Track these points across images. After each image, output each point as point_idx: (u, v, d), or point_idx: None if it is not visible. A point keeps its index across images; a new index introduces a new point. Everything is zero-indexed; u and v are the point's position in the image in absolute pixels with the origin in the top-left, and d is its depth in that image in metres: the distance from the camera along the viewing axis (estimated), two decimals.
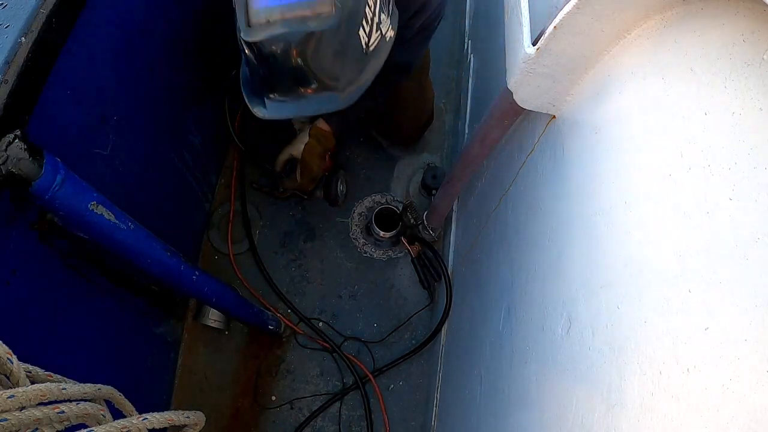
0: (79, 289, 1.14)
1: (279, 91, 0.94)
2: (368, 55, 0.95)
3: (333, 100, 0.96)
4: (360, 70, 0.96)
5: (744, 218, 0.45)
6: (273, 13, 0.85)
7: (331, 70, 0.91)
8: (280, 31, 0.85)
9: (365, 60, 0.96)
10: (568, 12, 0.67)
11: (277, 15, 0.85)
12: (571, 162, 0.80)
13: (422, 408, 1.74)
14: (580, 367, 0.68)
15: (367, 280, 1.88)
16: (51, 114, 0.93)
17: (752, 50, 0.47)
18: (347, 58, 0.91)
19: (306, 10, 0.85)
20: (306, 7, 0.85)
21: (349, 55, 0.91)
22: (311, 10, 0.85)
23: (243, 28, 0.87)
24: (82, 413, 0.63)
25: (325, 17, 0.85)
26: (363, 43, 0.92)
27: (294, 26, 0.85)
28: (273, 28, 0.85)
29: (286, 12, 0.85)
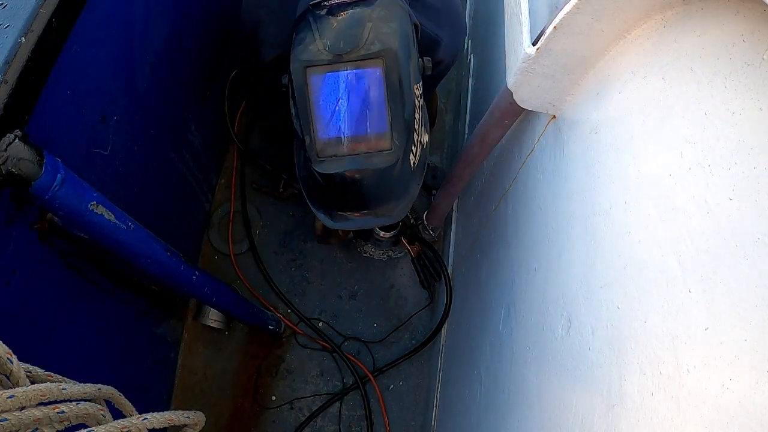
0: (79, 289, 1.14)
1: (343, 211, 1.03)
2: (415, 170, 1.03)
3: (389, 218, 1.07)
4: (411, 186, 1.05)
5: (744, 218, 0.45)
6: (340, 148, 0.93)
7: (389, 195, 1.01)
8: (347, 167, 0.93)
9: (414, 176, 1.04)
10: (568, 12, 0.67)
11: (344, 150, 0.93)
12: (572, 162, 0.80)
13: (422, 408, 1.74)
14: (580, 367, 0.68)
15: (367, 280, 1.88)
16: (51, 114, 0.93)
17: (752, 50, 0.47)
18: (401, 181, 1.00)
19: (368, 144, 0.93)
20: (368, 141, 0.93)
21: (403, 179, 1.00)
22: (373, 145, 0.94)
23: (314, 159, 0.94)
24: (82, 413, 0.63)
25: (386, 154, 0.94)
26: (412, 164, 1.00)
27: (360, 163, 0.93)
28: (341, 163, 0.94)
29: (352, 147, 0.93)
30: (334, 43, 0.91)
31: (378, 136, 0.94)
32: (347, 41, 0.91)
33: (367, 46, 0.90)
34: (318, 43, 0.91)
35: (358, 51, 0.90)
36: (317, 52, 0.91)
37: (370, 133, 0.93)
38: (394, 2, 0.97)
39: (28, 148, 0.78)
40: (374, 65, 0.91)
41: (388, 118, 0.93)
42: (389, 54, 0.91)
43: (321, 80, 0.92)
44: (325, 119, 0.93)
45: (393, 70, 0.91)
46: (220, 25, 1.66)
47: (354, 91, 0.92)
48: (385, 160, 0.94)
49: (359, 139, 0.93)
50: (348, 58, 0.90)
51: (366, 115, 0.93)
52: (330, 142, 0.93)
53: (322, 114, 0.93)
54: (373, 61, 0.91)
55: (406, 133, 0.96)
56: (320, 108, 0.93)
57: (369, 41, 0.91)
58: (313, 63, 0.91)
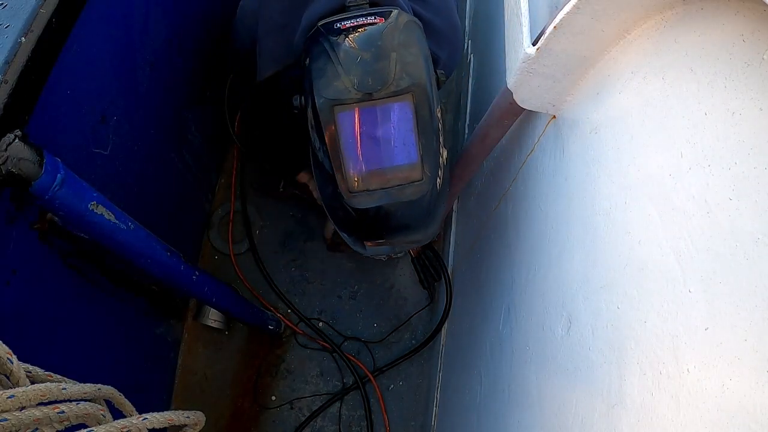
0: (79, 289, 1.14)
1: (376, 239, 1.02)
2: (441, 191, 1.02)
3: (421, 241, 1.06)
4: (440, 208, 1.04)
5: (744, 218, 0.45)
6: (372, 182, 0.93)
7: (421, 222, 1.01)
8: (380, 201, 0.93)
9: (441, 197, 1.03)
10: (568, 12, 0.67)
11: (377, 184, 0.93)
12: (572, 162, 0.80)
13: (422, 408, 1.74)
14: (580, 367, 0.68)
15: (367, 280, 1.88)
16: (51, 114, 0.93)
17: (752, 50, 0.47)
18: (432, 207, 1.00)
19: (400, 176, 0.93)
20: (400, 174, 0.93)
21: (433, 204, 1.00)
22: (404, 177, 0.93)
23: (346, 195, 0.94)
24: (82, 413, 0.63)
25: (419, 185, 0.93)
26: (438, 185, 1.00)
27: (393, 197, 0.93)
28: (374, 198, 0.93)
29: (385, 180, 0.93)
30: (362, 81, 0.88)
31: (409, 168, 0.93)
32: (375, 78, 0.88)
33: (396, 81, 0.88)
34: (344, 80, 0.89)
35: (388, 88, 0.88)
36: (345, 90, 0.88)
37: (401, 165, 0.93)
38: (408, 20, 0.95)
39: (28, 148, 0.78)
40: (404, 100, 0.90)
41: (418, 149, 0.92)
42: (419, 88, 0.89)
43: (349, 117, 0.90)
44: (355, 155, 0.91)
45: (423, 103, 0.91)
46: (221, 25, 1.66)
47: (384, 126, 0.91)
48: (418, 191, 0.94)
49: (391, 172, 0.93)
50: (378, 96, 0.88)
51: (397, 148, 0.92)
52: (361, 178, 0.92)
53: (352, 150, 0.91)
54: (403, 96, 0.89)
55: (435, 161, 0.95)
56: (350, 144, 0.91)
57: (397, 76, 0.89)
58: (341, 102, 0.89)
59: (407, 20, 0.95)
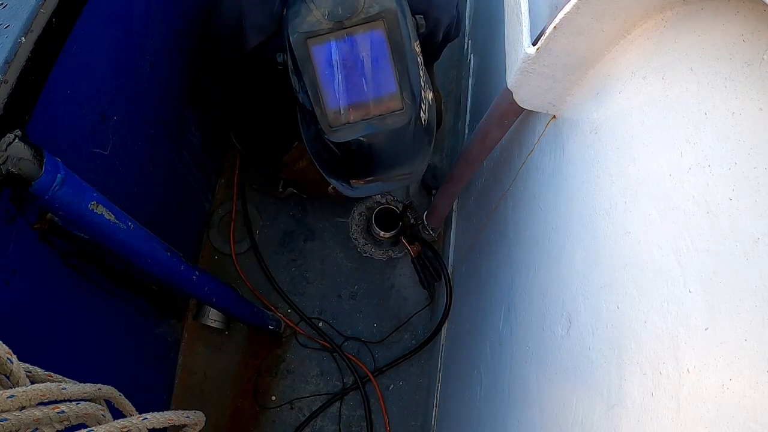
0: (79, 288, 1.14)
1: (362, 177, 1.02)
2: (426, 128, 1.02)
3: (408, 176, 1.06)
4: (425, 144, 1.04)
5: (744, 218, 0.45)
6: (352, 114, 0.92)
7: (406, 156, 1.00)
8: (362, 132, 0.93)
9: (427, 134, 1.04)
10: (568, 12, 0.67)
11: (357, 116, 0.93)
12: (572, 162, 0.80)
13: (422, 408, 1.74)
14: (580, 367, 0.68)
15: (367, 280, 1.88)
16: (51, 114, 0.93)
17: (752, 50, 0.47)
18: (416, 140, 1.00)
19: (380, 106, 0.93)
20: (379, 104, 0.93)
21: (418, 138, 1.00)
22: (384, 107, 0.93)
23: (326, 129, 0.93)
24: (82, 413, 0.63)
25: (399, 114, 0.93)
26: (423, 121, 1.00)
27: (374, 126, 0.93)
28: (355, 130, 0.93)
29: (365, 112, 0.93)
30: (333, 10, 0.90)
31: (388, 97, 0.93)
32: (345, 6, 0.90)
33: (366, 9, 0.90)
34: (315, 13, 0.90)
35: (358, 15, 0.89)
36: (316, 21, 0.90)
37: (380, 96, 0.93)
38: None
39: (28, 148, 0.78)
40: (376, 27, 0.90)
41: (396, 78, 0.92)
42: (389, 14, 0.90)
43: (324, 49, 0.91)
44: (333, 88, 0.92)
45: (395, 30, 0.91)
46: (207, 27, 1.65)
47: (359, 55, 0.91)
48: (399, 120, 0.94)
49: (370, 103, 0.93)
50: (349, 23, 0.89)
51: (374, 78, 0.92)
52: (341, 110, 0.92)
53: (330, 83, 0.92)
54: (375, 24, 0.90)
55: (414, 90, 0.95)
56: (327, 77, 0.92)
57: (367, 4, 0.90)
58: (313, 33, 0.90)
59: None
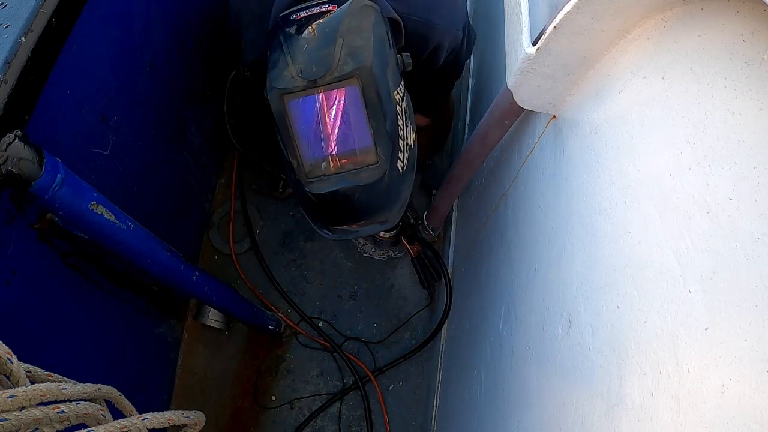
0: (79, 288, 1.14)
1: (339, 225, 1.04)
2: (404, 175, 1.03)
3: (385, 225, 1.08)
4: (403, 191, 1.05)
5: (744, 218, 0.45)
6: (327, 167, 0.94)
7: (381, 206, 1.02)
8: (337, 186, 0.94)
9: (405, 181, 1.05)
10: (568, 12, 0.67)
11: (331, 169, 0.94)
12: (572, 162, 0.80)
13: (422, 408, 1.74)
14: (580, 367, 0.68)
15: (367, 280, 1.88)
16: (51, 114, 0.93)
17: (752, 50, 0.47)
18: (392, 189, 1.01)
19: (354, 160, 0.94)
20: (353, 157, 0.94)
21: (394, 187, 1.01)
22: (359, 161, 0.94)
23: (303, 180, 0.95)
24: (82, 413, 0.63)
25: (373, 168, 0.94)
26: (400, 169, 1.01)
27: (349, 180, 0.94)
28: (330, 182, 0.95)
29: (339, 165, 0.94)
30: (307, 68, 0.89)
31: (363, 152, 0.94)
32: (319, 65, 0.89)
33: (340, 67, 0.89)
34: (291, 69, 0.90)
35: (332, 73, 0.89)
36: (291, 78, 0.90)
37: (354, 149, 0.94)
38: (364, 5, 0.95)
39: (28, 148, 0.78)
40: (350, 84, 0.90)
41: (370, 133, 0.93)
42: (363, 71, 0.89)
43: (299, 105, 0.91)
44: (308, 142, 0.93)
45: (369, 86, 0.90)
46: (220, 25, 1.66)
47: (333, 112, 0.92)
48: (373, 175, 0.95)
49: (344, 156, 0.94)
50: (323, 82, 0.89)
51: (348, 133, 0.93)
52: (316, 163, 0.94)
53: (305, 137, 0.93)
54: (348, 81, 0.90)
55: (390, 143, 0.96)
56: (302, 132, 0.93)
57: (341, 62, 0.89)
58: (288, 90, 0.90)
59: (362, 5, 0.95)
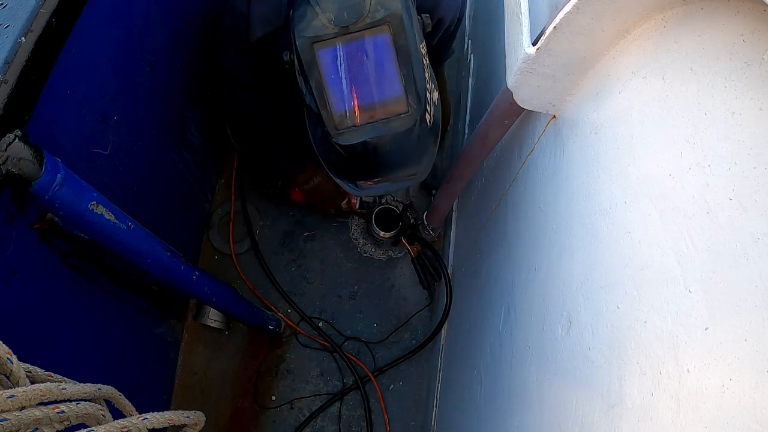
0: (79, 288, 1.14)
1: (368, 179, 1.04)
2: (431, 129, 1.03)
3: (414, 176, 1.07)
4: (430, 145, 1.05)
5: (744, 218, 0.45)
6: (358, 117, 0.94)
7: (411, 158, 1.02)
8: (368, 135, 0.94)
9: (431, 135, 1.05)
10: (568, 12, 0.67)
11: (363, 119, 0.94)
12: (572, 162, 0.80)
13: (422, 408, 1.74)
14: (580, 367, 0.68)
15: (367, 280, 1.88)
16: (51, 114, 0.93)
17: (752, 50, 0.47)
18: (421, 142, 1.01)
19: (385, 109, 0.94)
20: (385, 107, 0.94)
21: (422, 139, 1.01)
22: (390, 110, 0.94)
23: (333, 132, 0.94)
24: (82, 413, 0.63)
25: (404, 117, 0.94)
26: (428, 122, 1.01)
27: (380, 129, 0.94)
28: (361, 132, 0.94)
29: (370, 115, 0.94)
30: (338, 15, 0.90)
31: (394, 101, 0.94)
32: (350, 11, 0.90)
33: (372, 13, 0.90)
34: (321, 17, 0.91)
35: (364, 20, 0.90)
36: (322, 26, 0.90)
37: (385, 99, 0.94)
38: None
39: (28, 148, 0.78)
40: (381, 32, 0.91)
41: (401, 81, 0.93)
42: (394, 19, 0.91)
43: (330, 54, 0.92)
44: (339, 92, 0.93)
45: (400, 34, 0.91)
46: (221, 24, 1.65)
47: (364, 59, 0.92)
48: (404, 123, 0.95)
49: (376, 106, 0.94)
50: (354, 29, 0.90)
51: (379, 81, 0.93)
52: (347, 114, 0.93)
53: (336, 87, 0.93)
54: (380, 28, 0.91)
55: (420, 93, 0.96)
56: (333, 81, 0.92)
57: (372, 8, 0.90)
58: (319, 38, 0.91)
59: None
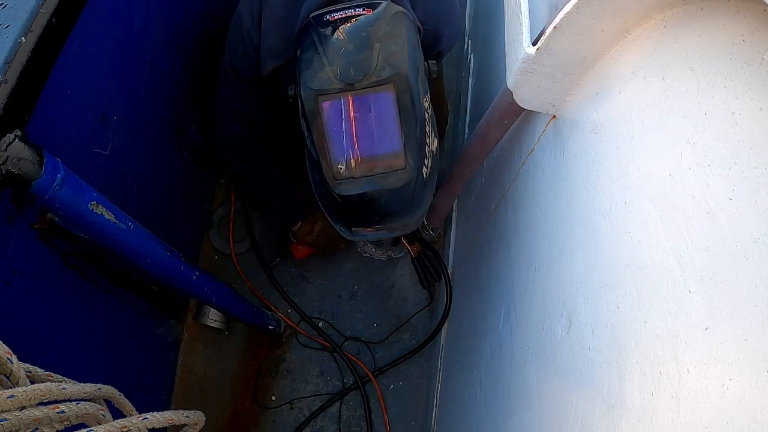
0: (79, 288, 1.14)
1: (361, 226, 1.05)
2: (427, 180, 1.04)
3: (405, 229, 1.08)
4: (425, 196, 1.06)
5: (744, 218, 0.45)
6: (355, 170, 0.94)
7: (405, 210, 1.02)
8: (365, 189, 0.95)
9: (427, 186, 1.05)
10: (568, 12, 0.67)
11: (360, 172, 0.94)
12: (572, 162, 0.80)
13: (422, 408, 1.74)
14: (580, 367, 0.68)
15: (367, 280, 1.88)
16: (51, 114, 0.93)
17: (752, 50, 0.47)
18: (416, 195, 1.01)
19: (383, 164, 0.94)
20: (383, 161, 0.94)
21: (418, 192, 1.01)
22: (388, 165, 0.94)
23: (331, 181, 0.95)
24: (82, 413, 0.63)
25: (402, 173, 0.95)
26: (424, 175, 1.01)
27: (377, 183, 0.95)
28: (358, 184, 0.95)
29: (368, 168, 0.94)
30: (344, 71, 0.90)
31: (392, 156, 0.94)
32: (357, 68, 0.90)
33: (378, 72, 0.90)
34: (327, 70, 0.91)
35: (369, 78, 0.90)
36: (328, 80, 0.91)
37: (384, 154, 0.94)
38: (397, 11, 0.96)
39: (28, 148, 0.78)
40: (386, 90, 0.91)
41: (401, 138, 0.94)
42: (400, 78, 0.91)
43: (333, 107, 0.92)
44: (339, 144, 0.93)
45: (404, 93, 0.92)
46: (221, 24, 1.66)
47: (367, 115, 0.92)
48: (402, 179, 0.95)
49: (374, 160, 0.94)
50: (359, 86, 0.90)
51: (379, 137, 0.93)
52: (345, 165, 0.94)
53: (336, 139, 0.93)
54: (385, 87, 0.91)
55: (419, 150, 0.97)
56: (334, 133, 0.93)
57: (379, 66, 0.90)
58: (324, 92, 0.91)
59: (395, 11, 0.96)
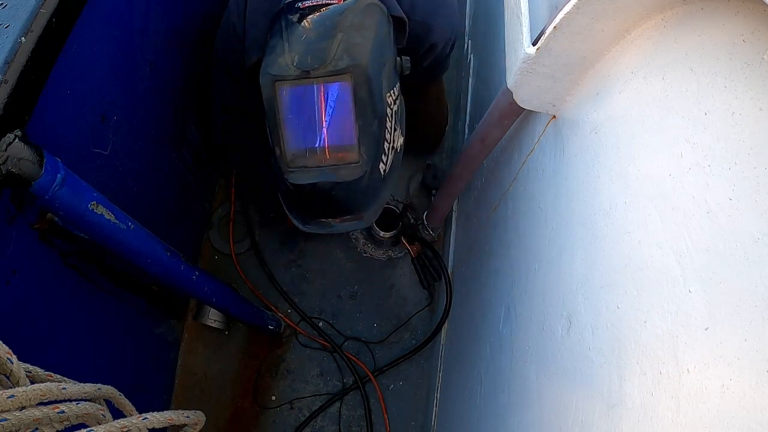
0: (79, 288, 1.14)
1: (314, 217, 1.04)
2: (385, 177, 1.02)
3: (360, 224, 1.07)
4: (381, 193, 1.05)
5: (744, 218, 0.45)
6: (308, 159, 0.94)
7: (358, 205, 1.01)
8: (316, 179, 0.94)
9: (384, 183, 1.04)
10: (568, 12, 0.67)
11: (313, 162, 0.94)
12: (572, 162, 0.80)
13: (422, 408, 1.74)
14: (580, 367, 0.68)
15: (367, 280, 1.88)
16: (51, 114, 0.93)
17: (752, 50, 0.47)
18: (370, 190, 1.00)
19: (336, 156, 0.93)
20: (336, 153, 0.93)
21: (372, 188, 1.00)
22: (340, 158, 0.93)
23: (284, 169, 0.95)
24: (82, 413, 0.63)
25: (354, 167, 0.94)
26: (382, 172, 1.00)
27: (329, 174, 0.94)
28: (310, 174, 0.94)
29: (320, 159, 0.93)
30: (302, 58, 0.89)
31: (346, 149, 0.93)
32: (315, 56, 0.89)
33: (335, 62, 0.89)
34: (287, 56, 0.90)
35: (326, 67, 0.89)
36: (285, 66, 0.90)
37: (337, 146, 0.93)
38: (370, 3, 0.95)
39: (28, 148, 0.78)
40: (342, 80, 0.90)
41: (355, 131, 0.92)
42: (357, 69, 0.89)
43: (289, 93, 0.91)
44: (293, 131, 0.93)
45: (361, 85, 0.90)
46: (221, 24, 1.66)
47: (322, 104, 0.91)
48: (352, 173, 0.94)
49: (327, 151, 0.93)
50: (315, 74, 0.89)
51: (334, 128, 0.92)
52: (299, 154, 0.93)
53: (291, 126, 0.92)
54: (341, 77, 0.89)
55: (375, 145, 0.95)
56: (289, 120, 0.92)
57: (337, 56, 0.89)
58: (280, 78, 0.90)
59: (368, 3, 0.95)
